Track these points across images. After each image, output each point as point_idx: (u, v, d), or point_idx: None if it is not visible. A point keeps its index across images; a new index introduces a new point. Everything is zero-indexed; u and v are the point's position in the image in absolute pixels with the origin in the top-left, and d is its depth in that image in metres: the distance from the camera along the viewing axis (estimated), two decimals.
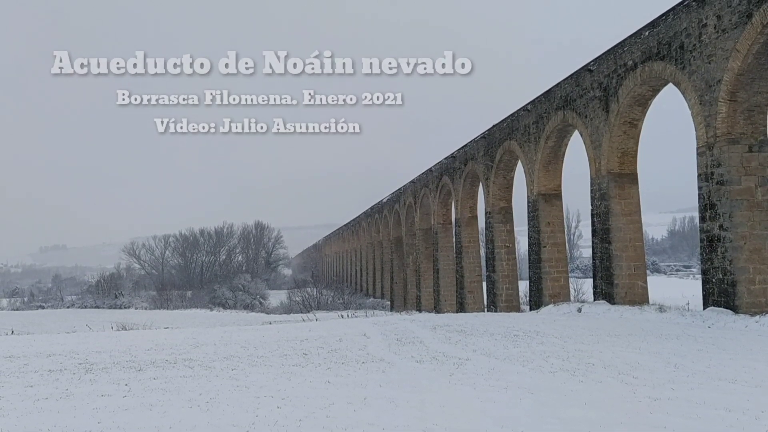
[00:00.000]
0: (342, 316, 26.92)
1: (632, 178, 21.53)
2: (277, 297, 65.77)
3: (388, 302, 54.01)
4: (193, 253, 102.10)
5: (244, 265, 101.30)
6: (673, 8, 17.83)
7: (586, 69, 22.63)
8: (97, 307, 56.05)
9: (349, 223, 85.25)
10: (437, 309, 39.05)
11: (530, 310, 26.15)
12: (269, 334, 15.01)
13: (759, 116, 16.02)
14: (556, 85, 24.97)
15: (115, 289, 64.64)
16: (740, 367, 8.11)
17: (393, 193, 54.90)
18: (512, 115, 29.26)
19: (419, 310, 41.13)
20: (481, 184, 33.84)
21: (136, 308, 54.46)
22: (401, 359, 9.89)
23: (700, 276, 17.19)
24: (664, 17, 18.27)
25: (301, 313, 36.09)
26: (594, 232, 22.27)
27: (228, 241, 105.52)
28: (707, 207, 16.53)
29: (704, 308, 16.29)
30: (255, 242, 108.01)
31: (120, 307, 54.58)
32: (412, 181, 47.66)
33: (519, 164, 29.26)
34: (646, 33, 19.05)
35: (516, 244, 36.73)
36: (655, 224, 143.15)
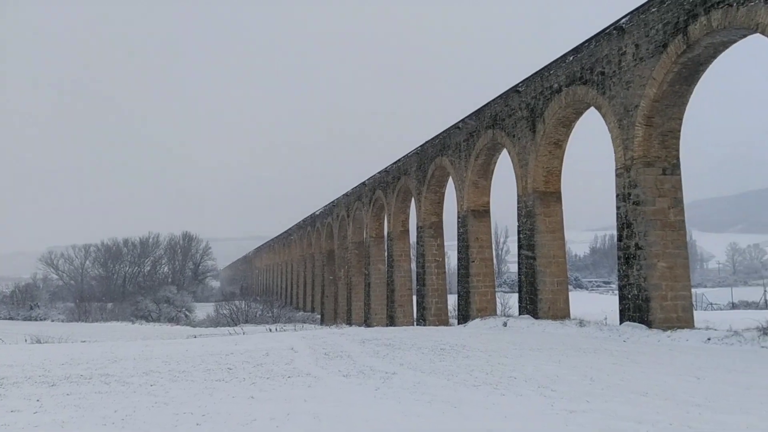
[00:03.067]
0: (270, 330, 26.54)
1: (556, 196, 22.28)
2: (203, 310, 64.14)
3: (319, 316, 53.63)
4: (116, 263, 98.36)
5: (170, 276, 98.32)
6: (596, 35, 18.68)
7: (514, 90, 23.35)
8: (10, 318, 53.12)
9: (280, 235, 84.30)
10: (367, 322, 39.07)
11: (458, 323, 26.54)
12: (193, 348, 14.63)
13: (672, 141, 16.93)
14: (487, 104, 25.63)
15: (30, 300, 61.45)
16: (651, 381, 8.49)
17: (326, 206, 54.75)
18: (444, 131, 29.80)
19: (349, 323, 41.02)
20: (413, 198, 34.24)
21: (53, 320, 51.94)
22: (328, 374, 9.84)
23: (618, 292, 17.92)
24: (587, 43, 19.11)
25: (229, 326, 35.33)
26: (520, 248, 22.88)
27: (153, 251, 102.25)
28: (624, 226, 17.29)
29: (621, 323, 16.98)
30: (182, 253, 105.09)
31: (35, 319, 51.91)
32: (346, 194, 47.70)
33: (450, 180, 29.78)
34: (571, 58, 19.85)
35: (446, 259, 37.27)
36: (579, 241, 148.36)
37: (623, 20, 17.37)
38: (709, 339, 13.21)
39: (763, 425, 6.07)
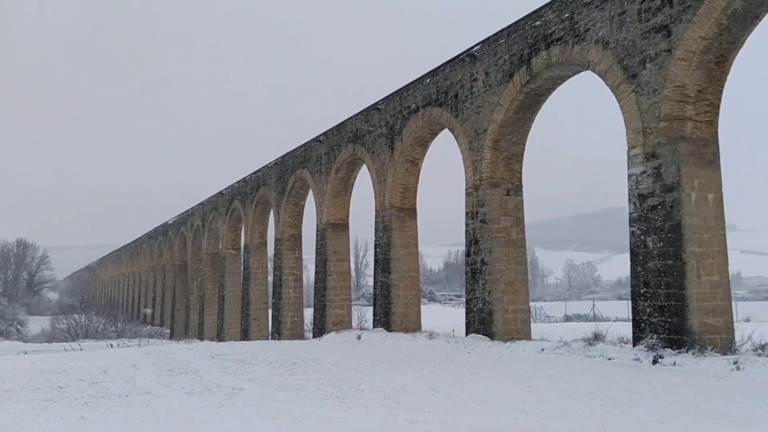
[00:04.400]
0: (111, 346, 24.90)
1: (412, 212, 23.03)
2: (38, 324, 58.86)
3: (168, 330, 51.16)
4: None
5: (1, 287, 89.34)
6: (451, 60, 19.65)
7: (375, 107, 23.90)
8: None
9: (128, 244, 79.58)
10: (220, 337, 37.86)
11: (314, 337, 26.49)
12: (22, 365, 13.40)
13: (516, 164, 18.16)
14: (348, 119, 26.00)
15: None
16: (489, 390, 8.98)
17: (180, 215, 52.55)
18: (306, 144, 29.80)
19: (201, 338, 39.52)
20: (272, 210, 33.81)
21: None
22: (171, 391, 9.40)
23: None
24: (443, 67, 20.04)
25: (66, 342, 32.68)
26: (376, 262, 23.34)
27: None
28: (472, 242, 18.22)
29: (467, 335, 17.83)
30: (16, 261, 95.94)
31: None
32: (202, 204, 46.09)
33: (310, 193, 29.78)
34: (428, 80, 20.71)
35: (304, 272, 37.12)
36: (434, 256, 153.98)
37: (475, 48, 18.42)
38: (542, 349, 14.21)
39: (580, 427, 6.63)
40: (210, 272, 43.33)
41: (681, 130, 12.81)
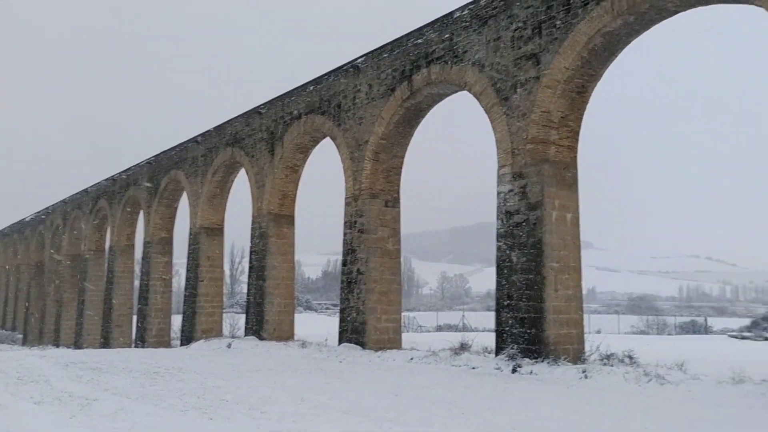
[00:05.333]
0: None
1: (290, 219, 22.82)
2: None
3: (21, 335, 47.19)
4: None
5: None
6: (335, 70, 19.77)
7: (256, 111, 23.51)
8: None
9: None
10: (78, 344, 35.43)
11: (181, 345, 25.47)
12: None
13: (395, 176, 18.54)
14: (228, 121, 25.38)
15: None
16: (357, 399, 9.06)
17: (38, 212, 48.76)
18: (181, 144, 28.73)
19: (57, 345, 36.77)
20: (142, 211, 32.23)
21: None
22: (17, 401, 8.67)
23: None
24: (327, 76, 20.11)
25: None
26: (251, 269, 22.87)
27: None
28: (349, 252, 18.36)
29: (339, 344, 17.90)
30: None
31: None
32: (64, 201, 43.04)
33: (185, 195, 28.70)
34: (311, 88, 20.69)
35: (175, 277, 35.63)
36: (312, 264, 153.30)
37: (359, 60, 18.66)
38: (412, 359, 14.55)
39: None
40: (69, 274, 40.49)
41: (545, 152, 13.66)
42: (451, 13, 15.78)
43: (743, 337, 27.48)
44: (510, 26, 14.26)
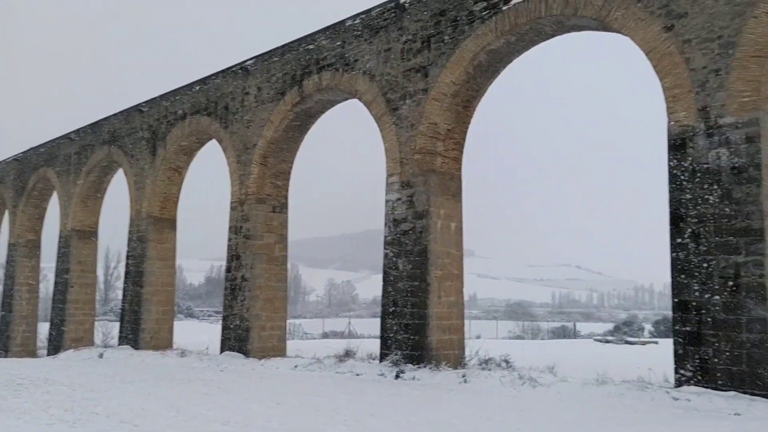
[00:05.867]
0: None
1: (172, 223, 21.94)
2: None
3: None
4: None
5: None
6: (223, 71, 19.27)
7: (137, 108, 22.45)
8: None
9: None
10: None
11: (48, 355, 23.73)
12: None
13: (283, 181, 18.32)
14: (106, 118, 24.04)
15: None
16: (237, 409, 8.82)
17: None
18: (53, 140, 26.86)
19: None
20: (7, 211, 29.78)
21: None
22: None
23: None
24: (214, 77, 19.56)
25: None
26: (127, 275, 21.74)
27: None
28: (234, 258, 17.90)
29: (221, 352, 17.38)
30: None
31: None
32: None
33: (55, 195, 26.82)
34: (197, 88, 20.04)
35: (42, 282, 33.18)
36: (195, 270, 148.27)
37: (249, 62, 18.31)
38: (296, 366, 14.40)
39: None
40: None
41: (432, 163, 14.03)
42: (343, 21, 15.87)
43: (606, 341, 29.54)
44: (400, 38, 14.54)
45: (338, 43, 15.82)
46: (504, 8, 12.62)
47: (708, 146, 10.01)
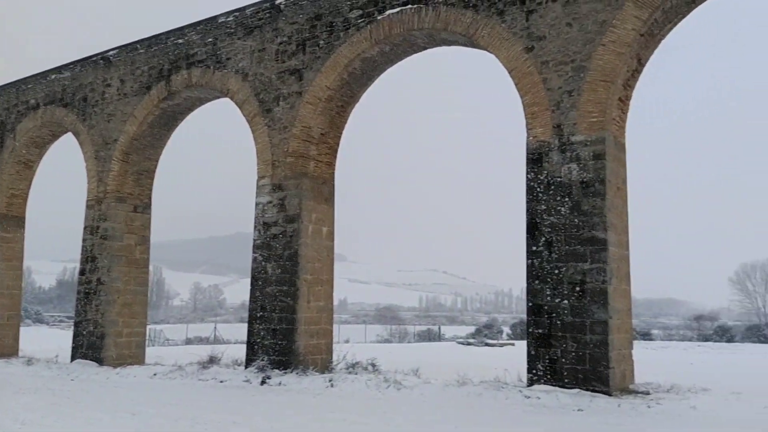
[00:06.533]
0: None
1: (19, 221, 20.22)
2: None
3: None
4: None
5: None
6: (83, 60, 18.07)
7: None
8: None
9: None
10: None
11: None
12: None
13: (147, 180, 17.46)
14: None
15: None
16: (87, 421, 8.25)
17: None
18: None
19: None
20: None
21: None
22: None
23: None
24: (72, 65, 18.29)
25: None
26: None
27: None
28: (89, 260, 16.80)
29: (72, 360, 16.23)
30: None
31: None
32: None
33: None
34: (53, 76, 18.64)
35: None
36: (46, 272, 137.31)
37: (112, 52, 17.30)
38: (155, 374, 13.75)
39: None
40: None
41: (305, 167, 13.98)
42: (215, 17, 15.44)
43: (468, 343, 30.85)
44: (275, 39, 14.38)
45: (210, 39, 15.37)
46: (379, 18, 12.87)
47: (561, 161, 10.79)
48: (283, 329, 13.29)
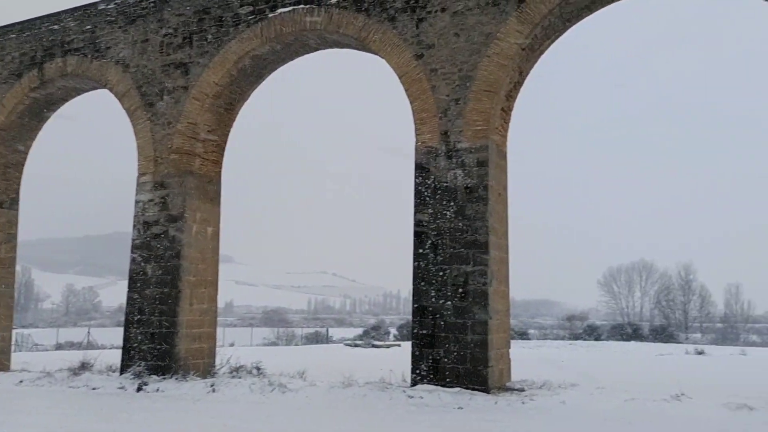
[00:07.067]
0: None
1: None
2: None
3: None
4: None
5: None
6: None
7: None
8: None
9: None
10: None
11: None
12: None
13: (14, 174, 16.22)
14: None
15: None
16: None
17: None
18: None
19: None
20: None
21: None
22: None
23: None
24: None
25: None
26: None
27: None
28: None
29: None
30: None
31: None
32: None
33: None
34: None
35: None
36: None
37: None
38: (21, 381, 12.82)
39: None
40: None
41: (190, 164, 13.51)
42: (95, 4, 14.60)
43: (356, 345, 31.06)
44: (160, 30, 13.81)
45: (88, 26, 14.50)
46: (270, 15, 12.69)
47: (447, 167, 11.13)
48: (162, 333, 12.76)
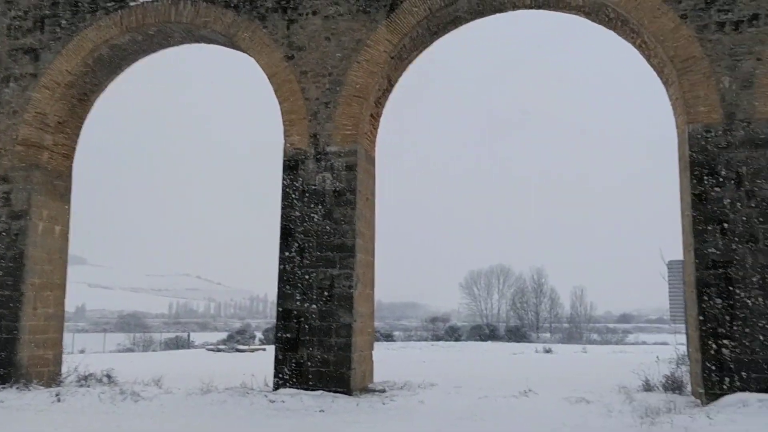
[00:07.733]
0: None
1: None
2: None
3: None
4: None
5: None
6: None
7: None
8: None
9: None
10: None
11: None
12: None
13: None
14: None
15: None
16: None
17: None
18: None
19: None
20: None
21: None
22: None
23: None
24: None
25: None
26: None
27: None
28: None
29: None
30: None
31: None
32: None
33: None
34: None
35: None
36: None
37: None
38: None
39: None
40: None
41: (37, 158, 12.51)
42: None
43: (218, 350, 30.13)
44: (8, 12, 12.70)
45: None
46: (132, 4, 12.06)
47: (316, 170, 11.14)
48: (2, 339, 11.71)
